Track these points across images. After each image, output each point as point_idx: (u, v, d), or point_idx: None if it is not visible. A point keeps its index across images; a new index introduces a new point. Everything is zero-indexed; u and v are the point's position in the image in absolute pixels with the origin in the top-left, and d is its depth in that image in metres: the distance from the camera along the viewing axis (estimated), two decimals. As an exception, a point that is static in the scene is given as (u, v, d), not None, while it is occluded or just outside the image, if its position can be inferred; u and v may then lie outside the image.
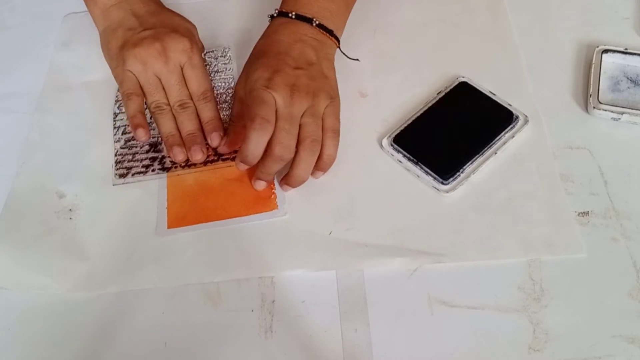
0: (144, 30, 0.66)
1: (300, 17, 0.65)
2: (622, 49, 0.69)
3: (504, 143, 0.64)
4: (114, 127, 0.68)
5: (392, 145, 0.64)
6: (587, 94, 0.67)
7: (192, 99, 0.66)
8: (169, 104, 0.65)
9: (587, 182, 0.61)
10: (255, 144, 0.60)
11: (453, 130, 0.65)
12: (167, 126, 0.65)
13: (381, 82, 0.70)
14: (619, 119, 0.64)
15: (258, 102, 0.60)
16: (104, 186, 0.64)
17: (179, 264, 0.59)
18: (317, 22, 0.65)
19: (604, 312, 0.54)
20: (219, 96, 0.70)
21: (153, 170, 0.65)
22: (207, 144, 0.65)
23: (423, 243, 0.58)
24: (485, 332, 0.54)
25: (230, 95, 0.69)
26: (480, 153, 0.63)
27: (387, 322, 0.55)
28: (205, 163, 0.65)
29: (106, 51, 0.69)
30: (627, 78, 0.68)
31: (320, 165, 0.62)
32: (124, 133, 0.68)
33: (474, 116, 0.66)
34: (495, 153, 0.63)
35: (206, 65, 0.69)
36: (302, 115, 0.61)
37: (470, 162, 0.62)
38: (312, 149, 0.61)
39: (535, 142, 0.64)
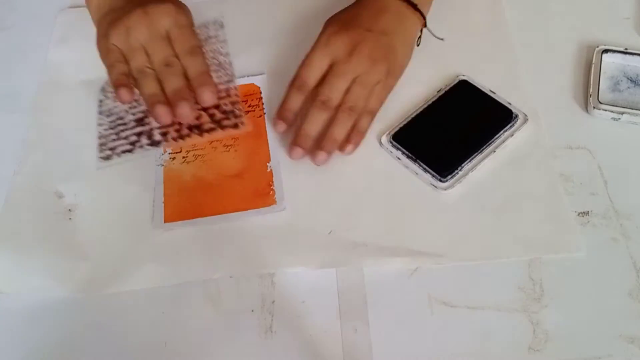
0: (130, 5, 0.62)
1: None
2: (622, 49, 0.69)
3: (503, 141, 0.64)
4: (98, 114, 0.63)
5: (391, 142, 0.64)
6: (587, 94, 0.67)
7: (178, 59, 0.61)
8: (152, 69, 0.60)
9: (587, 182, 0.61)
10: (292, 102, 0.62)
11: (452, 128, 0.65)
12: (149, 87, 0.59)
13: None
14: (619, 119, 0.64)
15: (307, 62, 0.63)
16: (103, 185, 0.64)
17: (179, 261, 0.59)
18: None
19: (604, 312, 0.54)
20: (209, 60, 0.63)
21: (141, 147, 0.59)
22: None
23: (422, 242, 0.58)
24: (485, 332, 0.54)
25: (224, 57, 0.64)
26: (479, 151, 0.63)
27: (387, 322, 0.55)
28: (201, 132, 0.59)
29: (98, 37, 0.65)
30: (627, 78, 0.68)
31: (349, 137, 0.63)
32: (108, 115, 0.62)
33: (473, 114, 0.66)
34: (494, 151, 0.63)
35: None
36: (354, 79, 0.62)
37: (468, 160, 0.62)
38: (348, 114, 0.62)
39: (535, 141, 0.64)
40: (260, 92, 0.70)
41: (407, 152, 0.63)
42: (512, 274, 0.56)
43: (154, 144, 0.59)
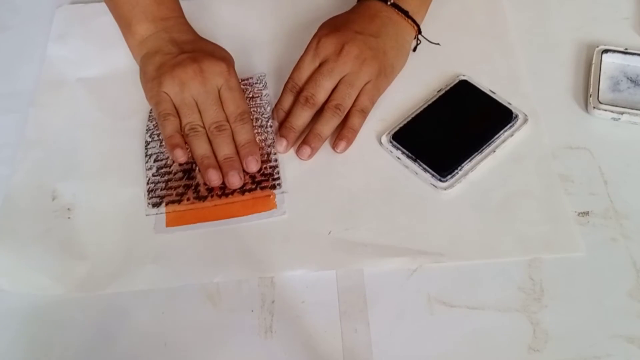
0: (181, 54, 0.65)
1: None
2: (622, 49, 0.69)
3: (503, 141, 0.64)
4: (146, 155, 0.65)
5: (391, 142, 0.64)
6: (587, 94, 0.67)
7: (228, 121, 0.64)
8: (204, 126, 0.63)
9: (587, 182, 0.61)
10: (285, 102, 0.66)
11: (452, 128, 0.65)
12: (201, 148, 0.62)
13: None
14: (619, 119, 0.64)
15: (298, 64, 0.66)
16: (102, 185, 0.64)
17: (178, 263, 0.59)
18: (391, 1, 0.67)
19: (603, 312, 0.54)
20: (254, 121, 0.66)
21: (188, 200, 0.61)
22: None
23: (422, 242, 0.58)
24: (485, 332, 0.54)
25: (266, 120, 0.66)
26: (479, 151, 0.63)
27: (387, 322, 0.55)
28: (242, 192, 0.62)
29: (142, 76, 0.67)
30: (627, 78, 0.68)
31: (341, 134, 0.64)
32: (156, 160, 0.64)
33: (473, 114, 0.66)
34: (494, 151, 0.63)
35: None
36: (342, 78, 0.64)
37: (468, 159, 0.62)
38: (333, 112, 0.64)
39: (535, 141, 0.64)
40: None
41: (407, 152, 0.63)
42: (512, 274, 0.56)
43: (200, 199, 0.62)
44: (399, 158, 0.64)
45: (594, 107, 0.65)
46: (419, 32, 0.70)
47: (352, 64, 0.64)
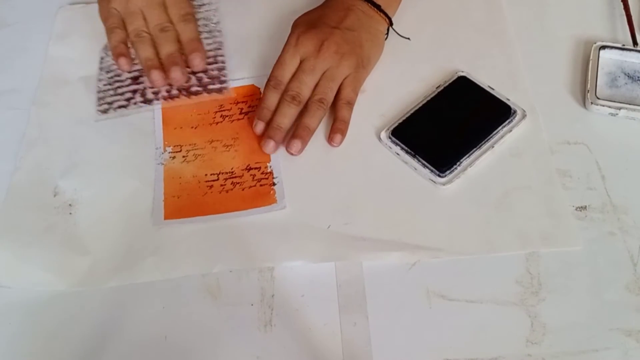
0: None
1: None
2: (619, 45, 0.69)
3: (502, 137, 0.64)
4: (99, 69, 0.68)
5: (390, 137, 0.65)
6: (584, 90, 0.67)
7: (173, 24, 0.66)
8: (149, 33, 0.66)
9: (585, 177, 0.61)
10: (269, 100, 0.65)
11: (451, 124, 0.65)
12: (145, 51, 0.65)
13: (380, 78, 0.70)
14: (617, 114, 0.65)
15: (280, 62, 0.66)
16: (103, 180, 0.64)
17: (178, 255, 0.59)
18: None
19: (601, 306, 0.54)
20: (202, 27, 0.69)
21: (135, 103, 0.64)
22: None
23: (421, 237, 0.59)
24: (483, 325, 0.54)
25: (214, 25, 0.70)
26: (478, 147, 0.63)
27: (386, 315, 0.55)
28: (188, 94, 0.63)
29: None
30: (625, 74, 0.68)
31: (334, 127, 0.65)
32: (107, 72, 0.67)
33: (472, 110, 0.66)
34: (493, 147, 0.63)
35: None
36: (323, 73, 0.65)
37: (467, 155, 0.63)
38: (318, 105, 0.65)
39: (533, 137, 0.64)
40: (261, 93, 0.70)
41: (406, 148, 0.64)
42: (510, 268, 0.57)
43: (147, 102, 0.64)
44: (398, 154, 0.64)
45: (592, 103, 0.65)
46: (391, 24, 0.71)
47: (331, 59, 0.65)
